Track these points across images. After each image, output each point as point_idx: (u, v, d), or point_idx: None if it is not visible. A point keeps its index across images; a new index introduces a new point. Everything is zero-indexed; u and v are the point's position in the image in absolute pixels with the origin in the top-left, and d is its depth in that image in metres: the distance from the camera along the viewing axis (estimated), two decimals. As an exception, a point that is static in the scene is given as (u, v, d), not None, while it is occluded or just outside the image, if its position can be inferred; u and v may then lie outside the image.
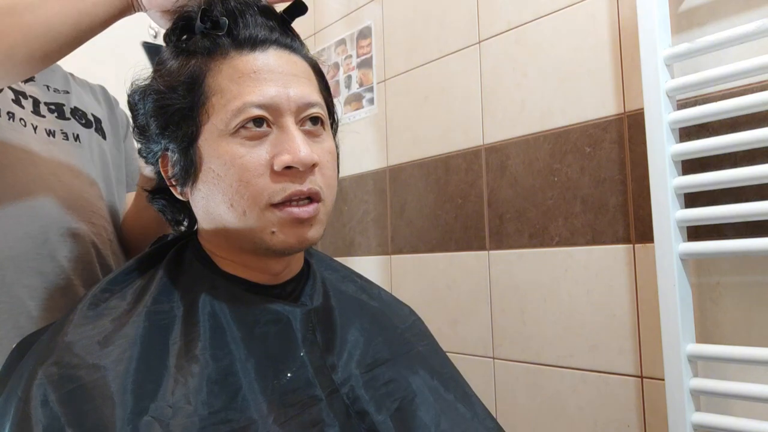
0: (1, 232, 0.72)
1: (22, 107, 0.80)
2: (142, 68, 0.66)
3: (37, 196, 0.76)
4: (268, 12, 0.62)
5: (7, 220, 0.73)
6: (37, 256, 0.74)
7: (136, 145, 0.67)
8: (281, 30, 0.62)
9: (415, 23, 1.41)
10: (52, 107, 0.84)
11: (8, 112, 0.78)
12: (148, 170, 0.71)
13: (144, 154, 0.65)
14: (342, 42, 1.63)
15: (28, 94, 0.82)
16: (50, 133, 0.82)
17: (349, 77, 1.61)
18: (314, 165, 0.58)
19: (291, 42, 0.63)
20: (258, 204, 0.57)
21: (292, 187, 0.57)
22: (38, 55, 0.61)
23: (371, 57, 1.54)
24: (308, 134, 0.60)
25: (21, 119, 0.79)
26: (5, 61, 0.60)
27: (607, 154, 1.03)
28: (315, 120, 0.61)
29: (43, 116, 0.83)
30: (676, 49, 0.90)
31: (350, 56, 1.61)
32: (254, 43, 0.59)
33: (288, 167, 0.57)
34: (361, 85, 1.57)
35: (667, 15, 0.92)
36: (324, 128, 0.62)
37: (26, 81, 0.83)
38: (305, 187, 0.58)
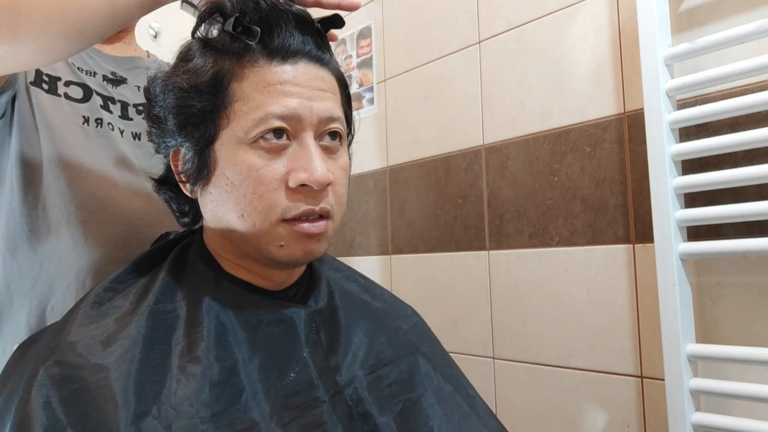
0: (85, 237, 0.74)
1: (110, 112, 0.82)
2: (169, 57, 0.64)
3: (120, 201, 0.78)
4: (303, 23, 0.60)
5: (92, 225, 0.75)
6: (116, 260, 0.76)
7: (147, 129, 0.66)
8: (314, 42, 0.61)
9: (415, 23, 1.41)
10: (140, 108, 0.85)
11: (96, 119, 0.80)
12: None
13: (155, 142, 0.64)
14: (342, 42, 1.63)
15: (117, 98, 0.83)
16: (136, 136, 0.83)
17: (349, 77, 1.60)
18: (328, 184, 0.58)
19: (322, 55, 0.61)
20: (269, 218, 0.57)
21: (305, 206, 0.57)
22: (73, 31, 0.59)
23: (371, 57, 1.54)
24: (326, 150, 0.59)
25: (109, 123, 0.81)
26: (39, 36, 0.58)
27: (607, 154, 1.03)
28: (334, 135, 0.60)
29: (131, 119, 0.84)
30: (676, 49, 0.90)
31: (350, 56, 1.61)
32: (285, 55, 0.58)
33: (303, 185, 0.56)
34: (361, 85, 1.57)
35: (667, 15, 0.92)
36: (341, 143, 0.62)
37: (118, 84, 0.84)
38: (318, 207, 0.58)
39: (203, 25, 0.61)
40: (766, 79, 0.84)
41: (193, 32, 0.62)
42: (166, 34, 1.56)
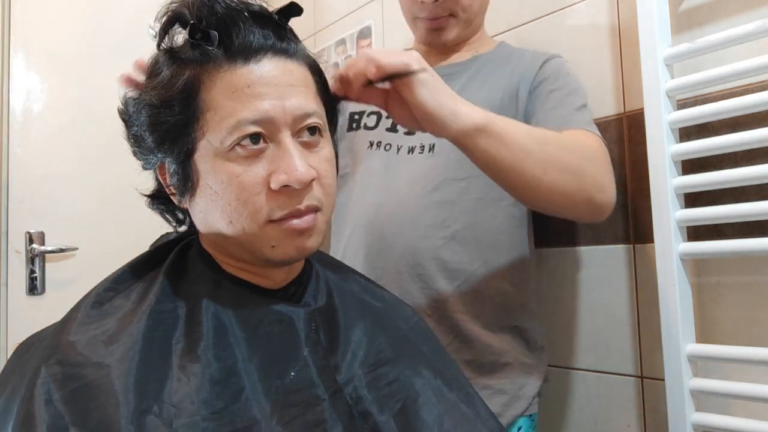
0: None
1: (395, 131, 1.00)
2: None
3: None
4: (260, 18, 0.59)
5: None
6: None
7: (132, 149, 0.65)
8: (276, 35, 0.59)
9: (415, 23, 1.41)
10: None
11: (378, 142, 1.00)
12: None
13: (140, 159, 0.64)
14: (342, 42, 1.63)
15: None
16: (411, 150, 0.98)
17: (349, 77, 1.60)
18: (312, 180, 0.58)
19: (286, 46, 0.60)
20: (256, 221, 0.57)
21: (289, 207, 0.57)
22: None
23: (371, 57, 1.54)
24: (305, 145, 0.59)
25: (388, 144, 0.99)
26: None
27: (607, 154, 1.03)
28: (313, 130, 0.60)
29: (413, 133, 0.96)
30: (676, 49, 0.90)
31: (350, 56, 1.60)
32: (248, 54, 0.57)
33: (285, 186, 0.56)
34: (361, 85, 1.57)
35: (667, 15, 0.92)
36: (323, 135, 0.61)
37: None
38: (303, 205, 0.58)
39: (166, 36, 0.61)
40: (766, 79, 0.84)
41: (158, 45, 0.62)
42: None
